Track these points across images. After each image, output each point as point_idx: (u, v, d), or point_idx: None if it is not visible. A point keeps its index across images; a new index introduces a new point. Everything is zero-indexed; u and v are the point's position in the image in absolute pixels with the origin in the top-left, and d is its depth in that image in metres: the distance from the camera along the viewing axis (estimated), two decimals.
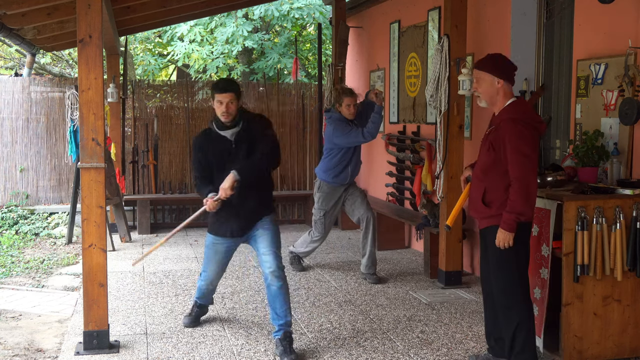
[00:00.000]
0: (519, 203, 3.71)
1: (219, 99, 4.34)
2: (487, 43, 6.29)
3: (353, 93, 6.22)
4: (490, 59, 3.96)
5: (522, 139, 3.72)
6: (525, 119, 3.78)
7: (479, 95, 3.95)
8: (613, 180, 4.41)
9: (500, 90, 3.88)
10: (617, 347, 4.16)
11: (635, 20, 4.48)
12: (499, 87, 3.87)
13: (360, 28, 9.55)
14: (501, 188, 3.81)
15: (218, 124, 4.45)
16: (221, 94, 4.33)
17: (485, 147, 3.92)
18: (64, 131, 9.94)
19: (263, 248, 4.48)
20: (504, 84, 3.87)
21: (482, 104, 3.98)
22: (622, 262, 4.02)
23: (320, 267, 6.97)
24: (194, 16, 10.00)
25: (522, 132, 3.73)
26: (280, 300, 4.41)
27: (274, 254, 4.45)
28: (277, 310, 4.41)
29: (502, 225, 3.76)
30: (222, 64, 12.75)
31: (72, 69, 14.19)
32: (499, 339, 4.08)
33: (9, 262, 7.58)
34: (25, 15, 6.54)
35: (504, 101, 3.89)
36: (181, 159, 10.26)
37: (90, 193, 4.45)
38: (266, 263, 4.44)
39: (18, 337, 5.02)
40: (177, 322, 5.15)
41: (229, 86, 4.37)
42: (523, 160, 3.71)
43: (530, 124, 3.78)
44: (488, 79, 3.89)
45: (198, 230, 9.36)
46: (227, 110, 4.34)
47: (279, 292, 4.40)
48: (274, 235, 4.53)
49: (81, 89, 4.42)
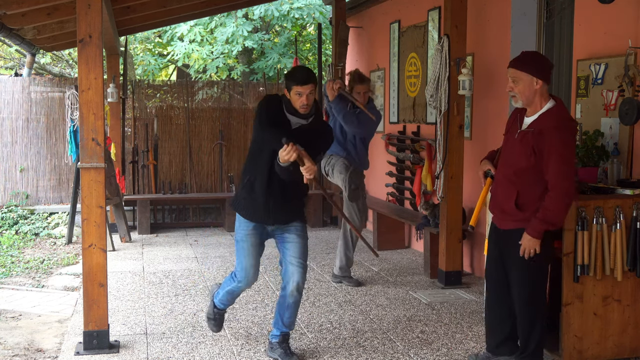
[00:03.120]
0: (556, 213, 3.69)
1: (298, 90, 4.03)
2: (487, 43, 6.29)
3: (365, 80, 6.06)
4: (531, 58, 3.82)
5: (569, 149, 3.68)
6: (569, 126, 3.73)
7: (515, 95, 3.81)
8: (613, 180, 4.41)
9: (538, 92, 3.76)
10: (617, 347, 4.16)
11: (635, 20, 4.48)
12: (537, 88, 3.76)
13: (360, 28, 9.55)
14: (537, 193, 3.76)
15: (288, 106, 4.13)
16: (301, 86, 4.02)
17: (524, 150, 3.77)
18: (64, 131, 9.94)
19: (292, 257, 4.29)
20: (542, 85, 3.75)
21: (518, 104, 3.86)
22: (622, 262, 4.02)
23: (320, 267, 6.97)
24: (194, 16, 10.00)
25: (568, 142, 3.68)
26: (291, 312, 4.35)
27: (303, 267, 4.30)
28: (284, 319, 4.35)
29: (531, 232, 3.71)
30: (222, 64, 12.75)
31: (72, 69, 14.19)
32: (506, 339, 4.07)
33: (9, 262, 7.58)
34: (25, 15, 6.54)
35: (541, 102, 3.78)
36: (181, 159, 10.27)
37: (90, 193, 4.45)
38: (293, 275, 4.26)
39: (18, 337, 5.02)
40: (177, 322, 5.15)
41: (310, 78, 4.05)
42: (568, 170, 3.67)
43: (573, 131, 3.76)
44: (527, 79, 3.75)
45: (198, 230, 9.37)
46: (307, 102, 4.06)
47: (293, 305, 4.33)
48: (305, 246, 4.36)
49: (81, 89, 4.41)
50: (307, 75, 4.08)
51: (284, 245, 4.32)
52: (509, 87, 3.83)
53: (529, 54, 3.89)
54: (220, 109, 10.45)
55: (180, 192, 9.68)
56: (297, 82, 4.04)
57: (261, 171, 4.17)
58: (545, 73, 3.77)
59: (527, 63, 3.77)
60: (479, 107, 6.38)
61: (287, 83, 4.10)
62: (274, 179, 4.13)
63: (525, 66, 3.76)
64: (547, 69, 3.81)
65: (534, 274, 3.87)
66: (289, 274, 4.28)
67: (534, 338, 3.90)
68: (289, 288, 4.27)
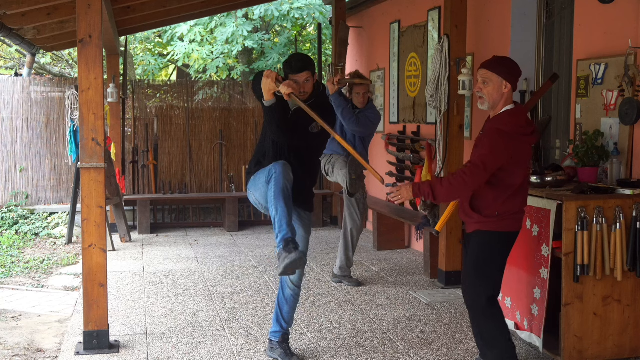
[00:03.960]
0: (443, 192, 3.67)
1: (294, 79, 4.04)
2: (487, 43, 6.29)
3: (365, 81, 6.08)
4: (503, 62, 3.81)
5: (493, 154, 3.63)
6: (512, 132, 3.68)
7: (483, 96, 3.80)
8: (613, 180, 4.41)
9: (505, 96, 3.77)
10: (617, 347, 4.16)
11: (635, 20, 4.48)
12: (505, 92, 3.76)
13: (360, 28, 9.55)
14: (490, 195, 3.74)
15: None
16: (296, 74, 4.02)
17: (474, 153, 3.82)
18: (64, 131, 9.94)
19: None
20: (510, 90, 3.77)
21: (484, 107, 3.85)
22: (622, 262, 4.02)
23: (320, 267, 6.97)
24: (194, 16, 10.00)
25: (498, 147, 3.63)
26: (290, 306, 4.36)
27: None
28: (283, 314, 4.36)
29: (414, 185, 3.72)
30: (222, 64, 12.75)
31: (72, 69, 14.19)
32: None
33: (9, 262, 7.58)
34: (25, 15, 6.54)
35: (502, 107, 3.78)
36: (181, 159, 10.27)
37: (90, 193, 4.45)
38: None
39: (18, 337, 5.02)
40: (177, 322, 5.15)
41: (305, 65, 4.04)
42: (478, 170, 3.62)
43: (515, 138, 3.68)
44: (497, 81, 3.74)
45: (198, 230, 9.37)
46: (304, 89, 4.07)
47: (292, 298, 4.34)
48: (308, 241, 4.38)
49: (81, 89, 4.42)
50: (302, 62, 4.07)
51: None
52: (478, 87, 3.81)
53: (503, 58, 3.89)
54: (220, 109, 10.46)
55: (180, 192, 9.68)
56: (292, 71, 4.06)
57: (268, 152, 4.19)
58: (514, 78, 3.78)
59: (499, 65, 3.77)
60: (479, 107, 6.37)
61: (284, 72, 4.11)
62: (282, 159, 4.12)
63: (497, 68, 3.76)
64: (517, 75, 3.82)
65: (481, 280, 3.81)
66: None
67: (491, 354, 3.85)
68: (287, 280, 4.31)
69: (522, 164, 3.75)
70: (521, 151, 3.71)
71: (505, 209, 3.74)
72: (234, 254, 7.68)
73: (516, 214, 3.79)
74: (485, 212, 3.77)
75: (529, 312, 4.32)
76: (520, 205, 3.80)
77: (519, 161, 3.71)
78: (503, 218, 3.74)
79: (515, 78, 3.79)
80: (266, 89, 3.94)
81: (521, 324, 4.43)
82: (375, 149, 8.76)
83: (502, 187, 3.73)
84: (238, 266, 7.01)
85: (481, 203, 3.79)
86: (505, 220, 3.75)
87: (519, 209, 3.80)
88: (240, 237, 8.72)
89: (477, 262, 3.82)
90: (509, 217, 3.76)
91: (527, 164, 3.80)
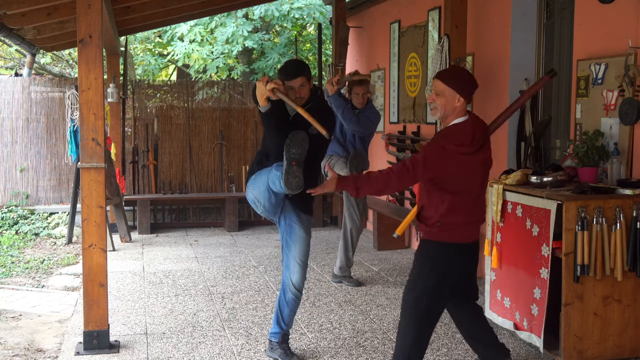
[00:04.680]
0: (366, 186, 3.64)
1: (289, 85, 4.05)
2: (487, 43, 6.29)
3: (363, 82, 6.07)
4: (458, 75, 3.72)
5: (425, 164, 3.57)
6: (451, 151, 3.57)
7: (436, 107, 3.72)
8: (613, 180, 4.41)
9: (457, 109, 3.66)
10: (617, 347, 4.16)
11: (635, 20, 4.48)
12: (457, 105, 3.65)
13: (360, 28, 9.55)
14: (432, 205, 3.70)
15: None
16: (291, 80, 4.04)
17: None
18: (64, 131, 9.94)
19: (297, 253, 4.28)
20: (463, 103, 3.66)
21: (436, 117, 3.78)
22: (622, 262, 4.02)
23: (320, 267, 6.97)
24: (194, 16, 10.00)
25: (433, 160, 3.57)
26: (291, 309, 4.35)
27: (305, 265, 4.31)
28: (284, 316, 4.35)
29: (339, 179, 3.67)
30: (222, 64, 12.75)
31: (72, 69, 14.19)
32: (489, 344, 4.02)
33: (9, 262, 7.58)
34: (25, 15, 6.55)
35: (453, 119, 3.68)
36: (181, 159, 10.28)
37: (90, 193, 4.45)
38: (294, 274, 4.28)
39: (18, 337, 5.02)
40: (177, 322, 5.15)
41: (299, 71, 4.06)
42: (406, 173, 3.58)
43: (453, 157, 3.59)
44: (450, 94, 3.64)
45: (198, 230, 9.37)
46: (300, 95, 4.08)
47: (294, 302, 4.33)
48: (309, 245, 4.37)
49: (81, 89, 4.42)
50: (296, 68, 4.09)
51: (291, 238, 4.30)
52: (431, 98, 3.74)
53: (458, 69, 3.80)
54: (221, 109, 10.46)
55: (181, 192, 9.68)
56: (288, 77, 4.07)
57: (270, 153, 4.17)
58: (468, 92, 3.68)
59: (453, 78, 3.68)
60: (479, 107, 6.38)
61: (280, 78, 4.10)
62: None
63: (451, 81, 3.66)
64: (470, 89, 3.70)
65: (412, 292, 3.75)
66: (289, 270, 4.29)
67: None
68: (288, 284, 4.29)
69: (468, 179, 3.65)
70: (462, 168, 3.60)
71: (448, 220, 3.65)
72: (234, 254, 7.69)
73: (462, 226, 3.68)
74: (428, 222, 3.72)
75: (528, 312, 4.32)
76: (466, 217, 3.68)
77: (459, 177, 3.62)
78: (446, 229, 3.66)
79: (469, 92, 3.68)
80: (259, 94, 3.96)
81: (521, 324, 4.43)
82: (375, 149, 8.76)
83: (445, 199, 3.64)
84: (238, 266, 7.01)
85: (426, 213, 3.74)
86: (449, 232, 3.66)
87: (465, 220, 3.68)
88: (240, 237, 8.72)
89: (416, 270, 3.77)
90: (453, 229, 3.66)
91: (475, 178, 3.68)
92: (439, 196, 3.66)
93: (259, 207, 4.27)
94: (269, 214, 4.31)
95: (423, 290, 3.72)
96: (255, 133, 10.44)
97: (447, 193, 3.64)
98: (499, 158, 6.13)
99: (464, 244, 3.73)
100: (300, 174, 3.74)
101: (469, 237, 3.74)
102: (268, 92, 3.90)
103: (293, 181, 3.72)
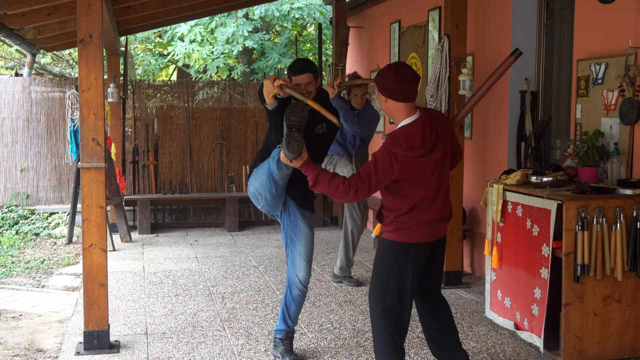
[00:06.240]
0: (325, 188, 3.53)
1: (297, 81, 4.07)
2: (487, 43, 6.29)
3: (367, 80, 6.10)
4: (380, 75, 3.53)
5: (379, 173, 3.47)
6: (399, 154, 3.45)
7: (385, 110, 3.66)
8: (613, 180, 4.41)
9: (392, 108, 3.52)
10: (617, 347, 4.16)
11: (635, 20, 4.48)
12: (386, 105, 3.53)
13: (360, 28, 9.55)
14: (388, 205, 3.64)
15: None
16: (298, 76, 4.07)
17: None
18: (64, 131, 9.95)
19: (302, 249, 4.28)
20: (394, 103, 3.50)
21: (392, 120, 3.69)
22: (622, 262, 4.02)
23: (320, 267, 6.97)
24: (194, 16, 10.00)
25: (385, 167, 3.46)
26: (297, 306, 4.36)
27: (310, 261, 4.32)
28: (290, 313, 4.36)
29: (308, 160, 3.58)
30: (222, 64, 12.76)
31: (72, 69, 14.20)
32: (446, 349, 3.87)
33: (9, 262, 7.59)
34: (26, 15, 6.55)
35: (401, 120, 3.53)
36: (181, 159, 10.28)
37: (90, 193, 4.45)
38: (301, 271, 4.28)
39: (18, 337, 5.03)
40: (178, 322, 5.15)
41: (307, 67, 4.09)
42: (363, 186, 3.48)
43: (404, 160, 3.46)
44: (380, 97, 3.54)
45: (198, 230, 9.37)
46: (306, 91, 4.07)
47: (300, 298, 4.34)
48: (313, 240, 4.37)
49: (81, 89, 4.42)
50: (304, 65, 4.13)
51: (296, 235, 4.29)
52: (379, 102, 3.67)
53: (383, 69, 3.59)
54: (221, 109, 10.46)
55: (181, 192, 9.69)
56: (294, 72, 4.11)
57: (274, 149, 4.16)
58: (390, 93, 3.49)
59: (377, 78, 3.57)
60: (479, 107, 6.37)
61: (288, 75, 4.15)
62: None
63: (377, 82, 3.53)
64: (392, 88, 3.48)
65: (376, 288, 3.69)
66: (295, 267, 4.29)
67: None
68: (294, 281, 4.29)
69: (423, 182, 3.54)
70: (413, 171, 3.50)
71: (403, 219, 3.58)
72: (234, 254, 7.69)
73: (418, 226, 3.59)
74: (385, 221, 3.67)
75: (529, 312, 4.32)
76: (422, 217, 3.59)
77: (413, 181, 3.53)
78: (402, 229, 3.59)
79: (390, 92, 3.48)
80: (266, 92, 3.96)
81: (521, 324, 4.43)
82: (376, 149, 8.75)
83: (400, 200, 3.58)
84: (238, 266, 7.01)
85: (384, 212, 3.70)
86: (405, 231, 3.59)
87: (421, 221, 3.59)
88: (240, 237, 8.72)
89: (375, 269, 3.73)
90: (409, 229, 3.59)
91: (431, 179, 3.56)
92: (394, 197, 3.59)
93: (260, 201, 4.26)
94: (270, 208, 4.29)
95: (384, 289, 3.66)
96: (255, 133, 10.44)
97: (401, 195, 3.56)
98: (499, 158, 6.13)
99: (419, 244, 3.61)
100: (301, 139, 3.63)
101: (427, 237, 3.63)
102: (276, 89, 3.91)
103: (294, 145, 3.62)
